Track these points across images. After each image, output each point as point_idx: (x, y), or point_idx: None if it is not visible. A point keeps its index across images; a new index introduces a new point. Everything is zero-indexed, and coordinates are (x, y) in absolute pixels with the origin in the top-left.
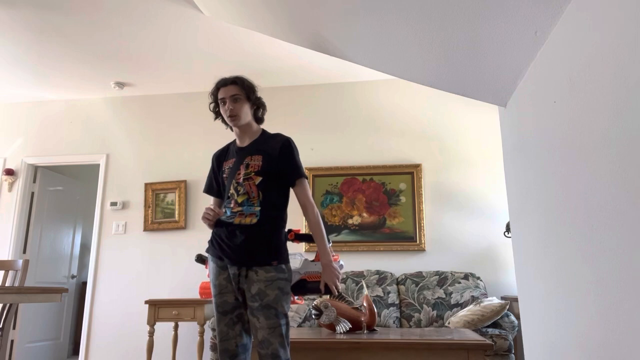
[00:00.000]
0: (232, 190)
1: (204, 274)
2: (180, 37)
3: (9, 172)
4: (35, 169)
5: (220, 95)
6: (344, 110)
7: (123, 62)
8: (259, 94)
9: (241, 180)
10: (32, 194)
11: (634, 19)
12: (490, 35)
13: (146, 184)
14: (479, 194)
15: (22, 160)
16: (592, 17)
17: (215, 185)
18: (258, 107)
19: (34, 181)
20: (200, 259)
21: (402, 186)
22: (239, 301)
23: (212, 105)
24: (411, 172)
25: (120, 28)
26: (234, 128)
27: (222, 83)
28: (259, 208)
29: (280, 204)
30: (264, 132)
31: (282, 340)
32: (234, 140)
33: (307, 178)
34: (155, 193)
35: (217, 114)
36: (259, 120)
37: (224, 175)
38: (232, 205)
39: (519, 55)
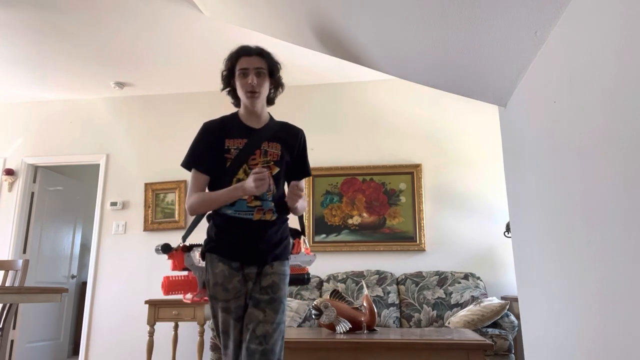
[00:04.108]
0: (242, 175)
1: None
2: (180, 37)
3: (9, 172)
4: (35, 169)
5: (242, 65)
6: (344, 110)
7: (123, 62)
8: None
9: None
10: (32, 194)
11: (634, 18)
12: (490, 35)
13: (146, 184)
14: (478, 194)
15: (22, 160)
16: (592, 16)
17: (209, 163)
18: (276, 86)
19: (34, 181)
20: (167, 249)
21: (402, 186)
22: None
23: (224, 73)
24: (411, 172)
25: (120, 28)
26: (243, 105)
27: (246, 52)
28: (272, 203)
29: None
30: (271, 116)
31: (282, 337)
32: (236, 116)
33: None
34: (155, 193)
35: (227, 84)
36: (270, 100)
37: (228, 155)
38: (247, 197)
39: (519, 55)
